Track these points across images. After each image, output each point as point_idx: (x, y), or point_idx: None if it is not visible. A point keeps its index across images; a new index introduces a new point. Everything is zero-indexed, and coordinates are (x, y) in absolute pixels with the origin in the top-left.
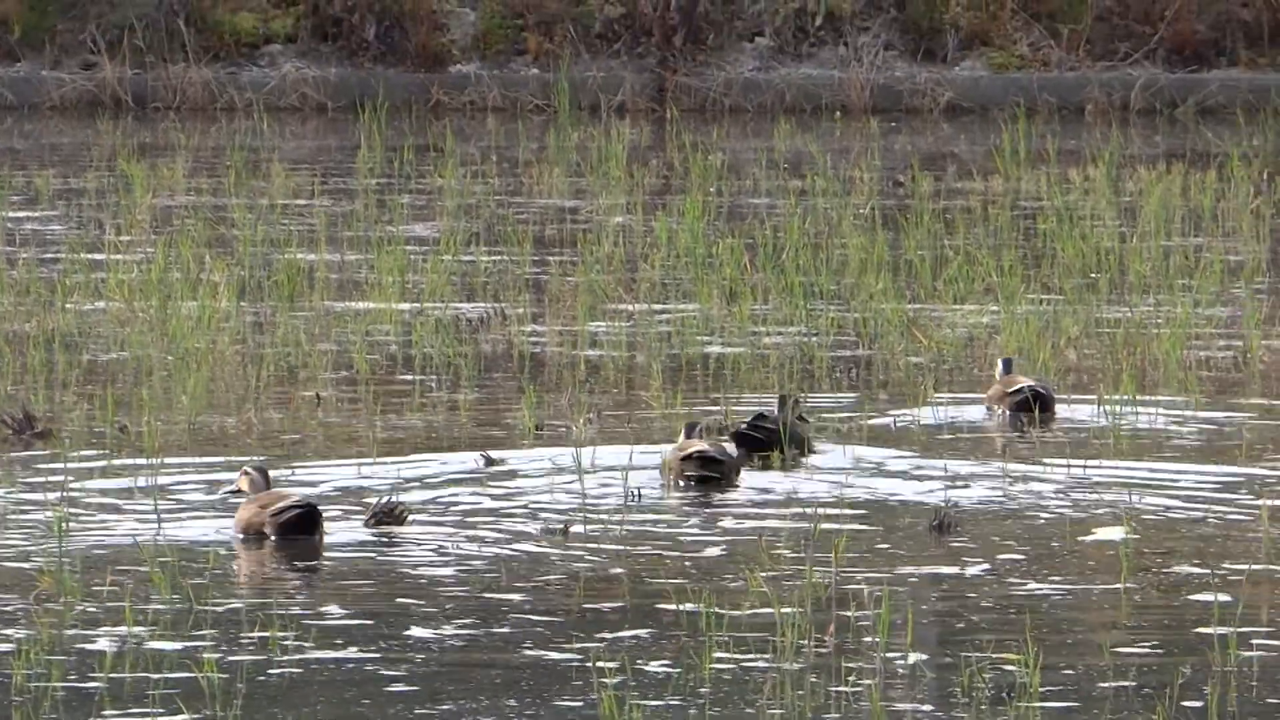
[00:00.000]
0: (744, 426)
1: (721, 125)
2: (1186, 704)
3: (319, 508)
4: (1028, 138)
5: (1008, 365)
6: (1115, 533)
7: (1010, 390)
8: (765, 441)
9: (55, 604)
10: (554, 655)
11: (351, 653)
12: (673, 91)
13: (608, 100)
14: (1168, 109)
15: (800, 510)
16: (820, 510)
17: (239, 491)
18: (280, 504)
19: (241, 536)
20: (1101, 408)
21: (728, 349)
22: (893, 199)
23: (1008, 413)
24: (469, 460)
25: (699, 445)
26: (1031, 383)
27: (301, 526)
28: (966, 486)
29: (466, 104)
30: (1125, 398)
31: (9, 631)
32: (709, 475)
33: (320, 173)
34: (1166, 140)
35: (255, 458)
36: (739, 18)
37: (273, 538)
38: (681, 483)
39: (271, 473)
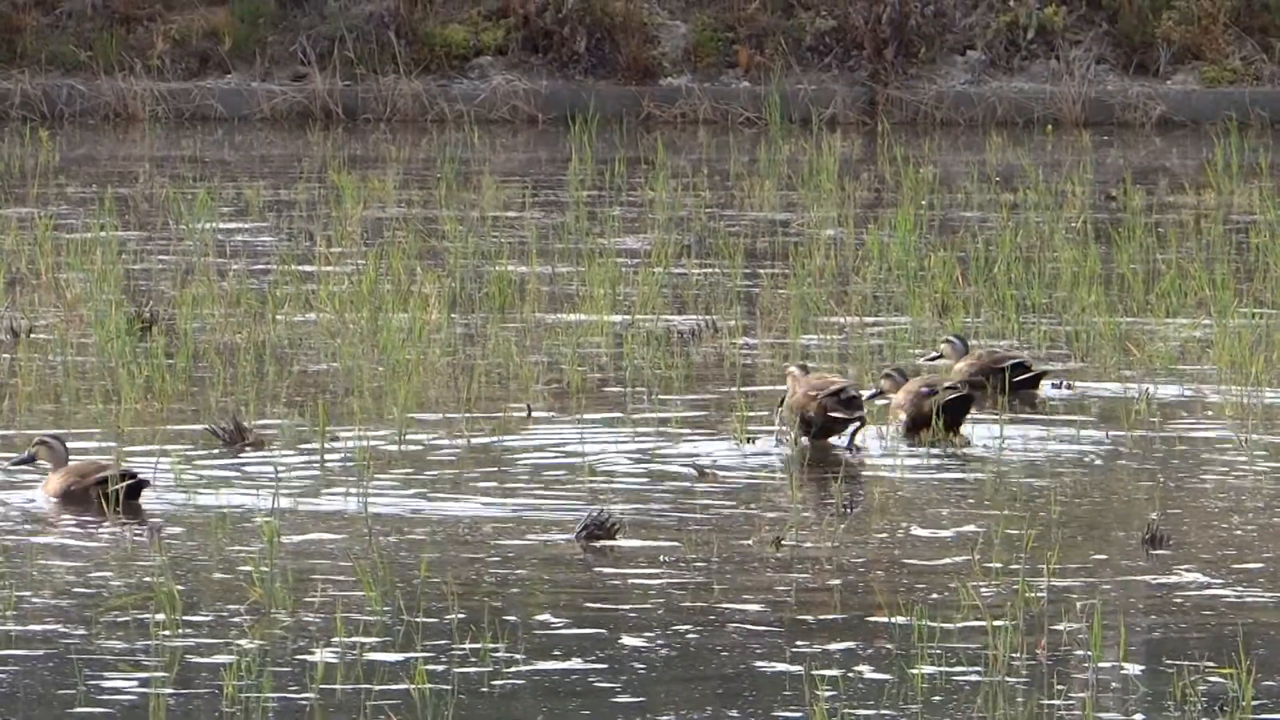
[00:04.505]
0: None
1: (933, 138)
2: None
3: (144, 477)
4: (1240, 151)
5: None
6: None
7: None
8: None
9: (266, 615)
10: (771, 666)
11: (568, 664)
12: (884, 104)
13: (819, 113)
14: None
15: (1013, 521)
16: (1032, 522)
17: (36, 458)
18: (105, 473)
19: (54, 500)
20: None
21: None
22: (1105, 212)
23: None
24: (681, 471)
25: (841, 381)
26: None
27: (131, 493)
28: (1179, 497)
29: (677, 116)
30: None
31: (221, 642)
32: (846, 416)
33: (531, 185)
34: None
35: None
36: (950, 31)
37: (102, 502)
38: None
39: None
